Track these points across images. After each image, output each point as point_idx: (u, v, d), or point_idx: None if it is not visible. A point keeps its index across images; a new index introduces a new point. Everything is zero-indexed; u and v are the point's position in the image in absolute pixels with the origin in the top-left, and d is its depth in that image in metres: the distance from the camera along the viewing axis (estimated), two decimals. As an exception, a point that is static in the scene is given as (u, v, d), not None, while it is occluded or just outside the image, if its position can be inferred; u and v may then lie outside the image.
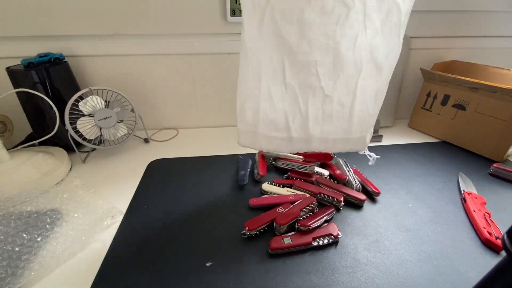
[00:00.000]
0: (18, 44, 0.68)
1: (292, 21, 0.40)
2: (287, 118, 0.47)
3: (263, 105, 0.46)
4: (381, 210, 0.51)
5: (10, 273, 0.38)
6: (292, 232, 0.44)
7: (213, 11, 0.69)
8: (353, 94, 0.46)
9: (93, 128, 0.63)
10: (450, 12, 0.77)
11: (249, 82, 0.45)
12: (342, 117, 0.48)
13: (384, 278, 0.38)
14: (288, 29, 0.40)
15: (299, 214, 0.46)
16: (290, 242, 0.42)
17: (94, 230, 0.46)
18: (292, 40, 0.41)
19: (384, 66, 0.45)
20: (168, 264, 0.40)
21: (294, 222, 0.45)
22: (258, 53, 0.42)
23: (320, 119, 0.48)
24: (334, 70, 0.44)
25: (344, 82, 0.45)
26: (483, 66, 0.77)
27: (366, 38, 0.42)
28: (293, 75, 0.44)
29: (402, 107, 0.88)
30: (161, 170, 0.63)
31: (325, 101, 0.46)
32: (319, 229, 0.45)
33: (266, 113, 0.47)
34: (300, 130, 0.49)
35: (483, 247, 0.43)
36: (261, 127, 0.48)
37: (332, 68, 0.43)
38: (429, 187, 0.57)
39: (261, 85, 0.44)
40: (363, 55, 0.43)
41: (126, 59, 0.73)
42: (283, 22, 0.40)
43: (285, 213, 0.46)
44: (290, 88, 0.45)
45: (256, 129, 0.48)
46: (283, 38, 0.41)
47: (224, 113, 0.85)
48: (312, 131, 0.49)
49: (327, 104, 0.47)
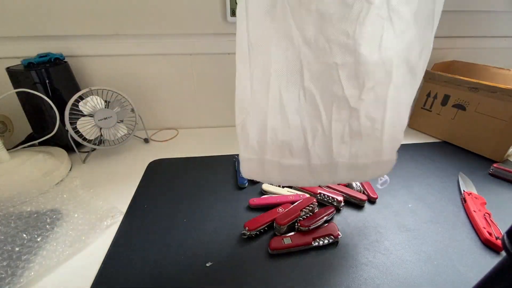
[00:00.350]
0: (18, 44, 0.68)
1: (310, 9, 0.31)
2: (306, 137, 0.36)
3: (271, 121, 0.35)
4: (381, 210, 0.51)
5: (10, 273, 0.38)
6: (292, 232, 0.44)
7: (213, 11, 0.69)
8: (384, 105, 0.36)
9: (93, 128, 0.63)
10: (450, 12, 0.77)
11: (251, 91, 0.35)
12: (373, 135, 0.37)
13: (384, 278, 0.38)
14: (305, 19, 0.31)
15: (299, 214, 0.46)
16: (290, 242, 0.42)
17: (94, 230, 0.46)
18: (309, 35, 0.32)
19: (418, 69, 0.36)
20: (168, 264, 0.40)
21: (294, 222, 0.45)
22: (265, 49, 0.32)
23: (347, 138, 0.37)
24: (358, 76, 0.34)
25: (371, 91, 0.35)
26: (483, 66, 0.77)
27: (395, 35, 0.33)
28: (313, 78, 0.33)
29: (402, 107, 0.88)
30: (161, 170, 0.63)
31: (352, 114, 0.36)
32: (319, 229, 0.45)
33: (276, 132, 0.36)
34: (323, 154, 0.38)
35: (483, 247, 0.43)
36: (270, 152, 0.37)
37: (354, 75, 0.34)
38: (429, 187, 0.57)
39: (270, 93, 0.34)
40: (392, 56, 0.34)
41: (126, 59, 0.73)
42: (300, 9, 0.30)
43: (285, 213, 0.46)
44: (309, 95, 0.34)
45: (263, 155, 0.37)
46: (300, 29, 0.32)
47: (224, 113, 0.85)
48: (337, 155, 0.38)
49: (354, 119, 0.36)
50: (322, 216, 0.46)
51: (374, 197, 0.53)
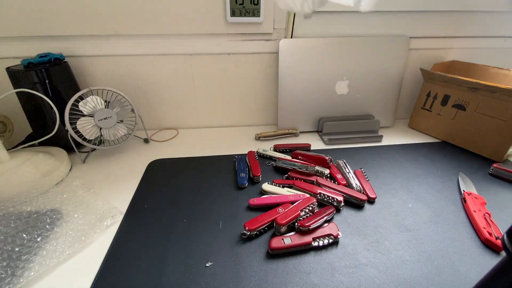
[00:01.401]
0: (18, 44, 0.68)
1: None
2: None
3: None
4: (381, 210, 0.51)
5: (10, 273, 0.38)
6: (292, 232, 0.44)
7: (213, 11, 0.69)
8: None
9: (93, 128, 0.63)
10: (450, 12, 0.77)
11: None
12: None
13: (384, 278, 0.38)
14: None
15: (299, 214, 0.46)
16: (290, 242, 0.42)
17: (94, 230, 0.46)
18: None
19: None
20: (168, 264, 0.40)
21: (294, 222, 0.45)
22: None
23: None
24: None
25: None
26: (483, 66, 0.77)
27: None
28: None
29: (402, 107, 0.88)
30: (161, 170, 0.63)
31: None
32: (319, 229, 0.45)
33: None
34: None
35: (483, 247, 0.43)
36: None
37: None
38: (429, 187, 0.57)
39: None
40: None
41: (126, 59, 0.73)
42: None
43: (285, 213, 0.46)
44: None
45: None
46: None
47: (224, 113, 0.85)
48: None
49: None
50: (322, 216, 0.46)
51: (373, 197, 0.53)
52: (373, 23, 0.76)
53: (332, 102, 0.80)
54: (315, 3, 0.44)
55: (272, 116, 0.87)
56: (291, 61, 0.74)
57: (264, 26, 0.72)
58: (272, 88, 0.82)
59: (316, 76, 0.76)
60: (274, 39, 0.75)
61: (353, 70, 0.77)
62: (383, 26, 0.76)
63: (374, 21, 0.75)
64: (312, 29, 0.74)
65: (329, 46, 0.74)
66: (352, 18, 0.74)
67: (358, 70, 0.77)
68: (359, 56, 0.76)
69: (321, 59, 0.74)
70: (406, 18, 0.76)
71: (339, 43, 0.74)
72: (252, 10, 0.68)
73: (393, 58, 0.77)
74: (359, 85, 0.78)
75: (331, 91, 0.78)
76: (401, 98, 0.85)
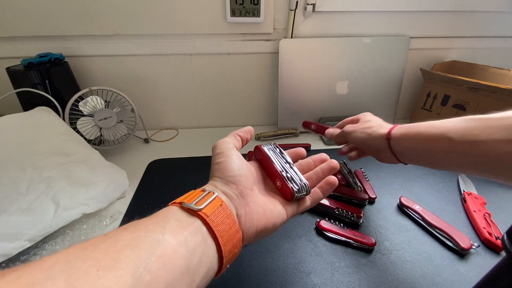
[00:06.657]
0: (18, 44, 0.68)
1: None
2: None
3: None
4: (381, 210, 0.51)
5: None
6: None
7: (213, 11, 0.69)
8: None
9: (93, 128, 0.63)
10: (450, 12, 0.77)
11: None
12: None
13: (384, 278, 0.38)
14: None
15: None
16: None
17: (94, 230, 0.46)
18: None
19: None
20: (168, 264, 0.40)
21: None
22: None
23: None
24: None
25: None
26: (483, 66, 0.77)
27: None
28: None
29: (402, 107, 0.88)
30: (161, 170, 0.63)
31: None
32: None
33: None
34: None
35: (483, 247, 0.43)
36: None
37: None
38: (429, 187, 0.57)
39: None
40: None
41: (126, 59, 0.73)
42: None
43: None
44: None
45: None
46: None
47: (224, 113, 0.85)
48: None
49: None
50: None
51: (373, 197, 0.53)
52: (373, 23, 0.76)
53: (332, 102, 0.80)
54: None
55: (272, 116, 0.87)
56: (291, 61, 0.74)
57: (264, 26, 0.72)
58: (272, 88, 0.82)
59: (316, 76, 0.76)
60: (274, 39, 0.75)
61: (353, 70, 0.77)
62: (383, 26, 0.76)
63: (374, 21, 0.75)
64: (312, 29, 0.74)
65: (329, 46, 0.74)
66: (353, 18, 0.74)
67: (358, 70, 0.77)
68: (359, 56, 0.76)
69: (321, 59, 0.74)
70: (406, 18, 0.76)
71: (339, 43, 0.74)
72: (252, 10, 0.68)
73: (393, 58, 0.77)
74: (359, 85, 0.78)
75: (331, 91, 0.78)
76: (401, 98, 0.85)
